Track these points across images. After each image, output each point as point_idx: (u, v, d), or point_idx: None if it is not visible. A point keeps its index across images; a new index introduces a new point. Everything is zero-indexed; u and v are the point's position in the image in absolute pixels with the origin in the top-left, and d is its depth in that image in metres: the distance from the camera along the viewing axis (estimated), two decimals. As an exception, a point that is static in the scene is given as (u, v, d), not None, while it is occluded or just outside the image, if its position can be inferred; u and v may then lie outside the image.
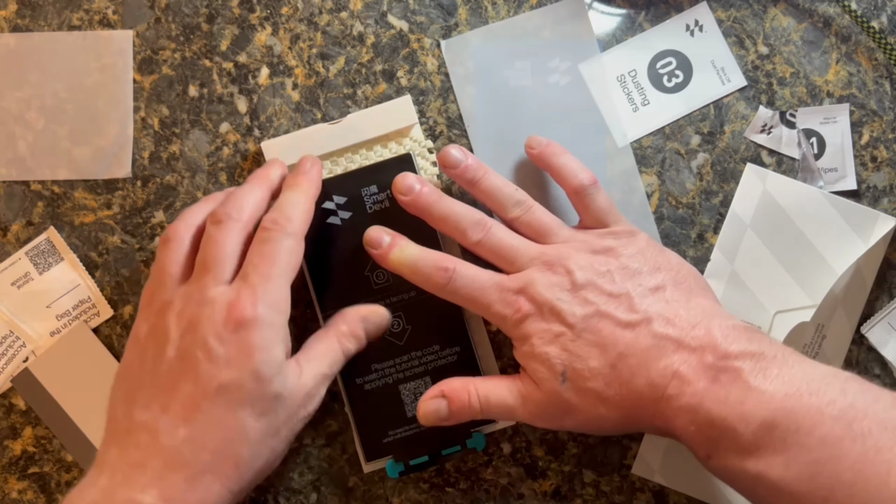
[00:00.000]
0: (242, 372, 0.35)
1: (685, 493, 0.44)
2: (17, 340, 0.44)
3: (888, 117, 0.46)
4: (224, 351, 0.35)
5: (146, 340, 0.37)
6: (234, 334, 0.35)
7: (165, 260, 0.38)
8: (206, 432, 0.34)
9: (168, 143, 0.46)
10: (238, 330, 0.35)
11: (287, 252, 0.37)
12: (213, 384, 0.34)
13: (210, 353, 0.35)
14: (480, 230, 0.40)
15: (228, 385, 0.34)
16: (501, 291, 0.38)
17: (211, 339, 0.35)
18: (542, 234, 0.41)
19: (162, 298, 0.37)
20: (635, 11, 0.47)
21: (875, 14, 0.46)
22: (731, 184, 0.46)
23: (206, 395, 0.34)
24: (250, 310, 0.35)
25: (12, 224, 0.45)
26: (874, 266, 0.45)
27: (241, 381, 0.34)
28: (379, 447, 0.43)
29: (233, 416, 0.34)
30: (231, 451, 0.34)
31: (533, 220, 0.41)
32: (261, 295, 0.36)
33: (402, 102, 0.45)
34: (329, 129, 0.45)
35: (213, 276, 0.37)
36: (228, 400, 0.34)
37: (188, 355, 0.35)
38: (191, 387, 0.35)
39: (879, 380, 0.45)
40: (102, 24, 0.46)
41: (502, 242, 0.40)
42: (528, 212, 0.41)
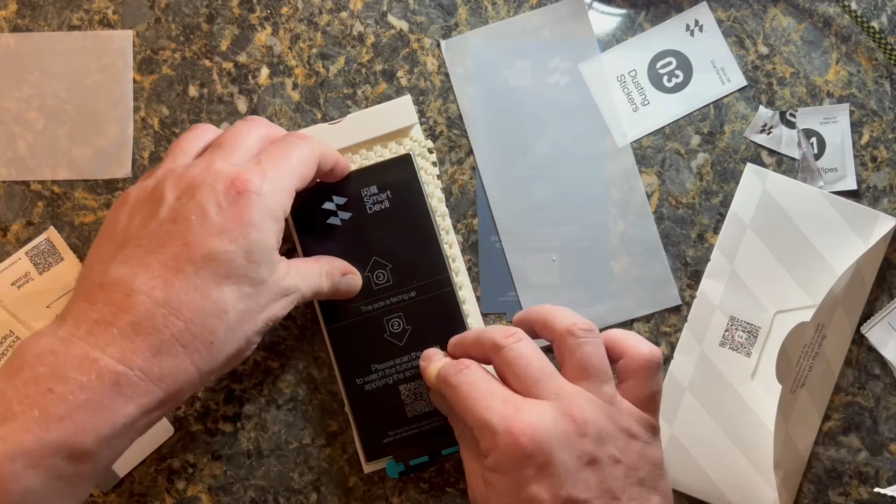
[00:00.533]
0: (235, 244, 0.33)
1: (685, 493, 0.45)
2: (17, 340, 0.44)
3: (888, 117, 0.46)
4: (220, 219, 0.33)
5: (138, 202, 0.35)
6: (233, 206, 0.33)
7: (184, 138, 0.37)
8: (184, 299, 0.32)
9: (168, 143, 0.46)
10: (238, 201, 0.33)
11: (302, 159, 0.37)
12: (202, 249, 0.32)
13: (205, 218, 0.33)
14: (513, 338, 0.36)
15: (218, 254, 0.32)
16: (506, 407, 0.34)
17: (209, 204, 0.33)
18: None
19: (165, 166, 0.36)
20: (635, 11, 0.47)
21: (875, 14, 0.46)
22: (731, 184, 0.46)
23: (192, 259, 0.32)
24: (256, 183, 0.34)
25: (12, 224, 0.45)
26: (874, 266, 0.45)
27: (231, 254, 0.32)
28: (379, 447, 0.43)
29: (216, 288, 0.32)
30: (207, 326, 0.32)
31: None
32: (270, 177, 0.34)
33: (402, 102, 0.45)
34: (329, 130, 0.45)
35: (224, 153, 0.35)
36: (215, 270, 0.32)
37: (181, 217, 0.33)
38: (178, 248, 0.32)
39: (879, 380, 0.45)
40: (102, 24, 0.46)
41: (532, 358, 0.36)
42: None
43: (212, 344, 0.32)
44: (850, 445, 0.45)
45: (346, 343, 0.43)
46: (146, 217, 0.34)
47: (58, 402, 0.29)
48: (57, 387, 0.29)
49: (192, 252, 0.32)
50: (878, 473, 0.45)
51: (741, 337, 0.45)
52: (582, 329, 0.36)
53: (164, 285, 0.32)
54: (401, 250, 0.43)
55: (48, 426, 0.29)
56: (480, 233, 0.46)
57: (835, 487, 0.45)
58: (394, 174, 0.43)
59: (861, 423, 0.45)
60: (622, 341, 0.37)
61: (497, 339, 0.36)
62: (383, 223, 0.42)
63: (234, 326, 0.33)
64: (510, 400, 0.34)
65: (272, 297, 0.35)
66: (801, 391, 0.45)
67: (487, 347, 0.37)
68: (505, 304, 0.45)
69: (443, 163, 0.46)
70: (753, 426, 0.44)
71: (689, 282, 0.46)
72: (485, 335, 0.37)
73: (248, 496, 0.44)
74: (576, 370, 0.35)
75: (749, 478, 0.44)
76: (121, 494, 0.44)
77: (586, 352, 0.35)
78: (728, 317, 0.45)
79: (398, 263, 0.43)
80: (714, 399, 0.45)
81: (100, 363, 0.30)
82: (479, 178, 0.46)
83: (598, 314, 0.45)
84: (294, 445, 0.45)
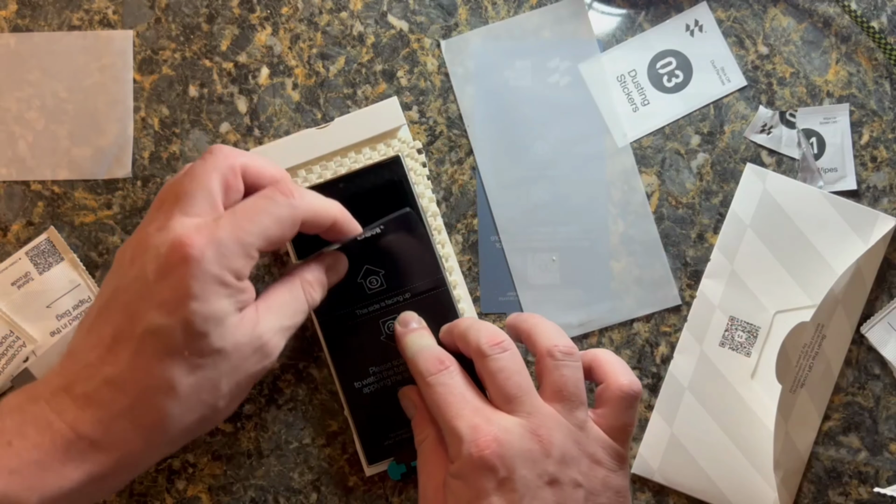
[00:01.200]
0: (173, 319, 0.31)
1: (685, 493, 0.45)
2: (17, 340, 0.44)
3: (888, 117, 0.46)
4: (159, 289, 0.31)
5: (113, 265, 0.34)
6: (172, 273, 0.31)
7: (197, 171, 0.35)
8: (128, 376, 0.31)
9: (168, 143, 0.46)
10: (177, 269, 0.31)
11: (274, 219, 0.33)
12: (141, 325, 0.31)
13: (146, 288, 0.31)
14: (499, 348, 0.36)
15: (157, 330, 0.31)
16: (476, 416, 0.35)
17: (149, 271, 0.31)
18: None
19: (153, 214, 0.34)
20: (635, 11, 0.47)
21: (875, 14, 0.46)
22: (731, 184, 0.46)
23: (133, 335, 0.31)
24: (198, 247, 0.31)
25: (12, 224, 0.45)
26: (874, 266, 0.45)
27: (170, 329, 0.31)
28: (380, 450, 0.43)
29: (158, 365, 0.31)
30: (153, 403, 0.31)
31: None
32: (220, 237, 0.31)
33: (389, 104, 0.45)
34: (317, 134, 0.45)
35: (182, 206, 0.33)
36: (156, 346, 0.31)
37: (130, 285, 0.32)
38: (123, 321, 0.31)
39: (879, 380, 0.45)
40: (102, 24, 0.46)
41: (518, 370, 0.36)
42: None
43: (161, 420, 0.32)
44: (850, 445, 0.45)
45: (343, 347, 0.43)
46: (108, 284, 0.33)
47: (12, 456, 0.30)
48: (16, 441, 0.30)
49: (134, 326, 0.31)
50: (878, 473, 0.45)
51: (741, 337, 0.45)
52: (562, 352, 0.36)
53: (113, 361, 0.31)
54: (393, 253, 0.43)
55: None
56: (480, 233, 0.46)
57: (835, 487, 0.45)
58: (383, 177, 0.43)
59: (861, 423, 0.45)
60: (604, 365, 0.38)
61: (482, 346, 0.36)
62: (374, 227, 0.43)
63: (185, 399, 0.32)
64: (481, 410, 0.35)
65: (239, 360, 0.33)
66: (800, 391, 0.45)
67: (472, 350, 0.37)
68: (505, 305, 0.45)
69: (443, 163, 0.46)
70: (753, 426, 0.44)
71: (689, 282, 0.46)
72: (471, 336, 0.37)
73: (248, 496, 0.44)
74: (551, 391, 0.36)
75: (749, 478, 0.44)
76: (121, 494, 0.44)
77: (563, 375, 0.36)
78: (728, 317, 0.45)
79: (391, 266, 0.43)
80: (714, 399, 0.45)
81: (54, 426, 0.31)
82: (479, 178, 0.46)
83: (598, 314, 0.45)
84: (294, 445, 0.45)
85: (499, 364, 0.36)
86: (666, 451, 0.44)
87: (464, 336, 0.38)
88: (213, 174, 0.34)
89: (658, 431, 0.45)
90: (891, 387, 0.45)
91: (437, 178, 0.46)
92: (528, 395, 0.35)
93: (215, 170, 0.34)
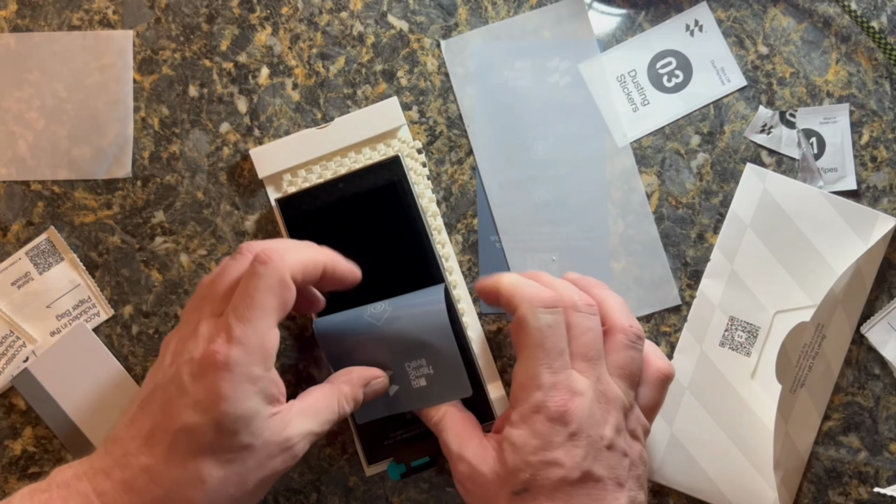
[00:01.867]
0: (205, 418, 0.33)
1: (685, 493, 0.45)
2: (17, 340, 0.44)
3: (888, 117, 0.46)
4: (194, 391, 0.34)
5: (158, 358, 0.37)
6: (204, 377, 0.34)
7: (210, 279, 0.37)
8: (163, 468, 0.33)
9: (168, 143, 0.46)
10: (208, 373, 0.33)
11: (268, 291, 0.35)
12: (177, 422, 0.33)
13: (182, 389, 0.34)
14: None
15: (191, 428, 0.33)
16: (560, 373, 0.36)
17: (185, 375, 0.34)
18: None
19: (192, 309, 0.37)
20: (635, 11, 0.47)
21: (875, 14, 0.46)
22: (731, 184, 0.46)
23: (168, 431, 0.34)
24: (222, 354, 0.33)
25: (12, 224, 0.45)
26: (874, 266, 0.45)
27: (203, 428, 0.33)
28: (380, 450, 0.43)
29: (191, 461, 0.33)
30: (184, 493, 0.34)
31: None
32: (237, 337, 0.34)
33: (389, 104, 0.45)
34: (317, 134, 0.45)
35: (210, 309, 0.36)
36: (188, 443, 0.33)
37: (168, 385, 0.35)
38: (160, 418, 0.34)
39: (879, 380, 0.45)
40: (102, 24, 0.46)
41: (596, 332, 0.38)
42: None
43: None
44: (850, 445, 0.45)
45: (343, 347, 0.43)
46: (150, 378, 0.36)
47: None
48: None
49: (169, 423, 0.34)
50: (877, 473, 0.45)
51: (741, 337, 0.45)
52: (636, 334, 0.38)
53: (148, 452, 0.34)
54: (393, 252, 0.43)
55: None
56: (480, 233, 0.46)
57: (835, 487, 0.45)
58: (383, 176, 0.43)
59: (861, 423, 0.45)
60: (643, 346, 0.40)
61: (577, 301, 0.38)
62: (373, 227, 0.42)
63: (214, 492, 0.34)
64: (566, 367, 0.36)
65: (266, 457, 0.35)
66: (800, 391, 0.45)
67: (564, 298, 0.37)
68: (505, 304, 0.45)
69: (443, 163, 0.46)
70: (753, 426, 0.44)
71: (689, 282, 0.46)
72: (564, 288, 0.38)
73: (248, 496, 0.44)
74: (617, 367, 0.38)
75: (749, 478, 0.44)
76: (121, 494, 0.44)
77: (631, 356, 0.38)
78: (728, 317, 0.45)
79: (391, 266, 0.43)
80: (714, 399, 0.45)
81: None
82: (479, 178, 0.46)
83: (598, 314, 0.45)
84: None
85: (589, 323, 0.37)
86: (666, 451, 0.44)
87: (553, 283, 0.39)
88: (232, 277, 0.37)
89: (658, 431, 0.45)
90: (891, 387, 0.45)
91: (437, 178, 0.46)
92: (602, 362, 0.37)
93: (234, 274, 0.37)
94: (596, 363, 0.37)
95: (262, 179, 0.45)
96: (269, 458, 0.35)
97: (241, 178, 0.46)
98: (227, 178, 0.46)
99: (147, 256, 0.45)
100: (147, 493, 0.33)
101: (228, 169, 0.46)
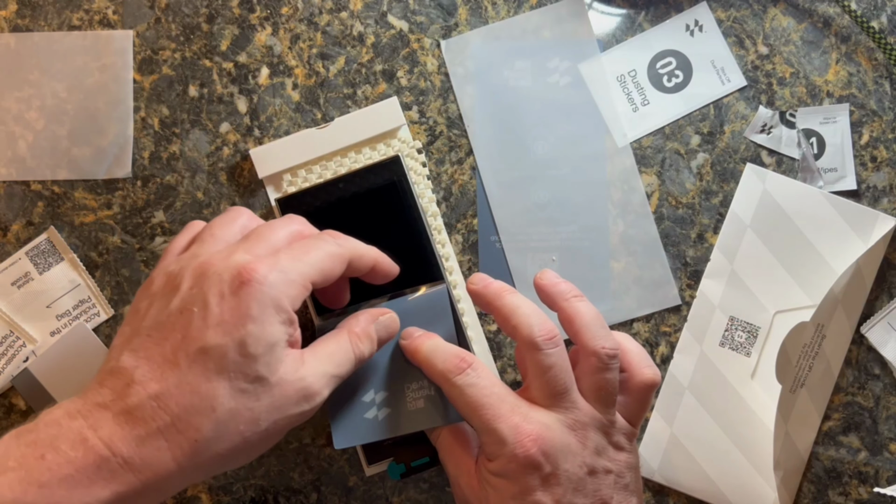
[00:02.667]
0: (229, 338, 0.32)
1: (685, 493, 0.45)
2: (17, 340, 0.44)
3: (888, 117, 0.46)
4: (219, 311, 0.32)
5: (158, 289, 0.35)
6: (234, 296, 0.32)
7: (216, 223, 0.37)
8: (174, 393, 0.32)
9: (168, 143, 0.46)
10: (239, 291, 0.32)
11: (326, 254, 0.35)
12: (197, 344, 0.32)
13: (206, 311, 0.32)
14: (552, 343, 0.37)
15: (211, 349, 0.32)
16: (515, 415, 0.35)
17: (212, 295, 0.33)
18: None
19: (192, 251, 0.36)
20: (635, 11, 0.47)
21: (875, 14, 0.46)
22: (731, 184, 0.46)
23: (187, 353, 0.32)
24: (262, 272, 0.33)
25: (12, 224, 0.45)
26: (874, 266, 0.45)
27: (224, 348, 0.32)
28: (380, 450, 0.43)
29: (206, 383, 0.32)
30: (192, 422, 0.32)
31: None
32: (281, 266, 0.33)
33: (389, 104, 0.45)
34: (317, 134, 0.45)
35: (249, 244, 0.35)
36: (206, 364, 0.32)
37: (186, 308, 0.33)
38: (177, 341, 0.33)
39: (879, 380, 0.45)
40: (102, 24, 0.46)
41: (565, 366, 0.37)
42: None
43: (196, 441, 0.32)
44: (850, 445, 0.45)
45: None
46: (161, 307, 0.34)
47: (44, 470, 0.31)
48: (49, 454, 0.31)
49: (189, 345, 0.32)
50: (877, 473, 0.45)
51: (741, 337, 0.45)
52: (609, 356, 0.37)
53: (160, 378, 0.32)
54: (393, 252, 0.43)
55: (28, 489, 0.30)
56: (480, 233, 0.46)
57: (835, 487, 0.45)
58: (383, 176, 0.43)
59: (861, 423, 0.45)
60: (627, 354, 0.39)
61: (536, 338, 0.36)
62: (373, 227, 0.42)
63: (223, 424, 0.32)
64: (518, 407, 0.36)
65: (280, 398, 0.33)
66: (800, 391, 0.45)
67: (521, 336, 0.37)
68: (505, 304, 0.45)
69: (443, 163, 0.46)
70: (753, 426, 0.44)
71: (689, 282, 0.46)
72: (522, 321, 0.37)
73: (248, 496, 0.44)
74: (591, 390, 0.37)
75: (749, 478, 0.44)
76: (121, 494, 0.44)
77: (606, 379, 0.37)
78: (728, 317, 0.45)
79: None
80: (714, 399, 0.45)
81: (88, 442, 0.31)
82: (479, 178, 0.46)
83: (598, 314, 0.45)
84: (294, 445, 0.45)
85: (550, 360, 0.36)
86: (666, 451, 0.44)
87: (511, 315, 0.38)
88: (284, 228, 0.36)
89: (658, 431, 0.45)
90: (891, 387, 0.45)
91: (437, 178, 0.46)
92: (571, 392, 0.36)
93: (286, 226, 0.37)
94: (563, 397, 0.36)
95: (262, 179, 0.45)
96: (285, 399, 0.33)
97: (241, 178, 0.46)
98: (227, 178, 0.46)
99: (147, 256, 0.45)
100: (152, 422, 0.32)
101: (228, 169, 0.46)
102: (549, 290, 0.39)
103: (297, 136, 0.45)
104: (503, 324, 0.38)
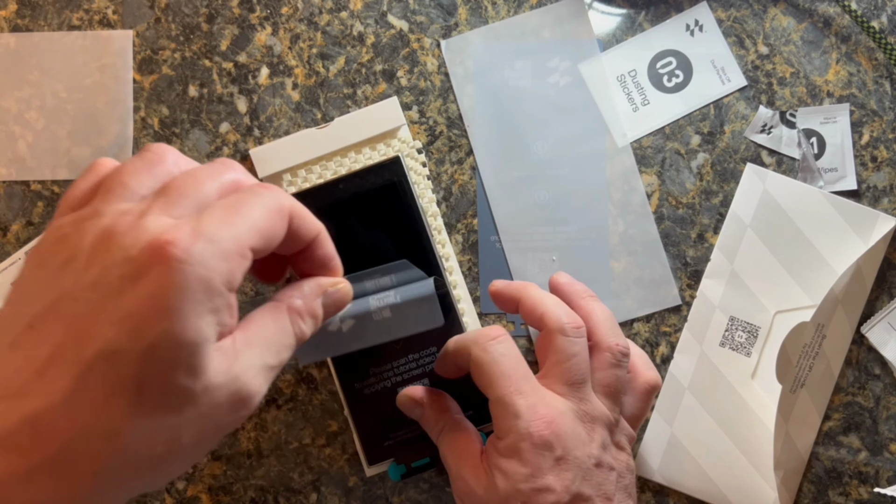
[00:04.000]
0: (135, 339, 0.23)
1: (685, 493, 0.45)
2: (17, 340, 0.44)
3: (888, 117, 0.46)
4: (124, 299, 0.23)
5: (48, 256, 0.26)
6: (144, 278, 0.23)
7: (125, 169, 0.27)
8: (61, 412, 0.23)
9: (168, 142, 0.46)
10: (151, 271, 0.23)
11: (264, 210, 0.27)
12: (94, 345, 0.23)
13: (106, 297, 0.24)
14: (577, 328, 0.37)
15: (112, 353, 0.23)
16: (534, 395, 0.36)
17: (114, 277, 0.24)
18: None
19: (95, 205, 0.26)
20: (635, 11, 0.47)
21: (875, 14, 0.46)
22: (731, 184, 0.46)
23: (79, 358, 0.23)
24: (183, 244, 0.24)
25: (12, 224, 0.45)
26: (874, 266, 0.45)
27: (130, 355, 0.23)
28: (380, 450, 0.43)
29: (103, 403, 0.23)
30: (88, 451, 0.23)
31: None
32: (209, 234, 0.24)
33: (389, 104, 0.45)
34: (317, 134, 0.45)
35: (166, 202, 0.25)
36: (106, 375, 0.23)
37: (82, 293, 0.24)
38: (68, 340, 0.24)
39: (879, 380, 0.45)
40: (102, 24, 0.46)
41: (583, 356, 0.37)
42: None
43: (96, 475, 0.24)
44: (850, 445, 0.45)
45: None
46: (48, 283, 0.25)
47: None
48: None
49: (82, 346, 0.23)
50: (878, 473, 0.45)
51: (741, 337, 0.45)
52: (621, 353, 0.38)
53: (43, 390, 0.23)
54: (393, 253, 0.43)
55: None
56: (480, 233, 0.46)
57: (835, 487, 0.45)
58: (383, 176, 0.43)
59: (861, 423, 0.45)
60: (629, 357, 0.40)
61: (564, 325, 0.37)
62: (373, 227, 0.42)
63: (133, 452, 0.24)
64: (537, 390, 0.36)
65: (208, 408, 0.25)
66: (801, 391, 0.45)
67: (549, 321, 0.37)
68: (505, 304, 0.45)
69: (443, 163, 0.46)
70: (753, 426, 0.44)
71: (689, 282, 0.46)
72: (550, 309, 0.38)
73: (248, 496, 0.44)
74: (602, 385, 0.38)
75: (749, 478, 0.44)
76: (121, 494, 0.44)
77: (617, 375, 0.38)
78: (728, 317, 0.45)
79: None
80: (714, 399, 0.45)
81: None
82: (479, 178, 0.46)
83: (598, 314, 0.45)
84: (294, 445, 0.45)
85: (576, 348, 0.37)
86: (666, 451, 0.44)
87: (538, 304, 0.38)
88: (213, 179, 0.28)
89: (658, 431, 0.45)
90: (891, 387, 0.45)
91: (437, 178, 0.46)
92: (587, 384, 0.37)
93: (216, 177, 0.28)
94: (578, 386, 0.37)
95: (262, 179, 0.45)
96: (213, 408, 0.25)
97: (241, 178, 0.46)
98: (227, 178, 0.46)
99: (147, 256, 0.45)
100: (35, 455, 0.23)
101: (228, 169, 0.46)
102: (566, 289, 0.40)
103: (297, 136, 0.45)
104: (529, 315, 0.38)
